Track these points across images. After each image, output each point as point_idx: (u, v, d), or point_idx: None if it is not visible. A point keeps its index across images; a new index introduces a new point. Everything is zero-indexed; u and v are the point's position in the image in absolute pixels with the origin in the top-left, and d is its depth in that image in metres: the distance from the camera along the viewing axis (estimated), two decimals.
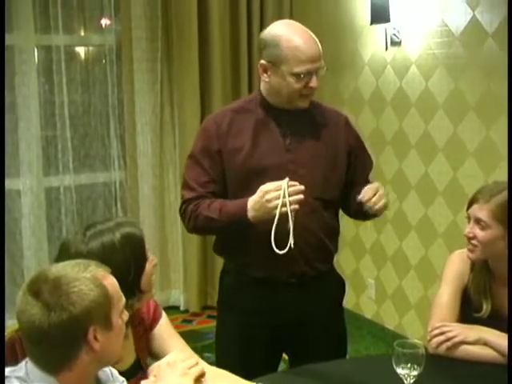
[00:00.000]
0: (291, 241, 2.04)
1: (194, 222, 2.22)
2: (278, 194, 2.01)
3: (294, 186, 2.03)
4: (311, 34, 2.16)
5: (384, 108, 4.04)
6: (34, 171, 4.29)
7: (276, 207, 2.01)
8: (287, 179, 2.03)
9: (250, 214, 2.08)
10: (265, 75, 2.20)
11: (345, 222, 2.50)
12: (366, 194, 2.12)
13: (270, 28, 2.21)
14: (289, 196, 2.00)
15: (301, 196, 2.02)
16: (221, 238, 2.37)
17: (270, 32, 2.19)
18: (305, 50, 2.10)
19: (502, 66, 3.25)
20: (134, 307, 1.79)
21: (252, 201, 2.08)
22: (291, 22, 2.23)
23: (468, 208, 2.07)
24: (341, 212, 2.40)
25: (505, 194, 2.01)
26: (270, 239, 2.04)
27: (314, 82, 2.13)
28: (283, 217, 2.02)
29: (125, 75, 4.48)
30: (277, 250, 2.04)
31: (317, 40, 2.16)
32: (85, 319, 1.37)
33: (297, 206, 2.02)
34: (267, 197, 2.03)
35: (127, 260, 1.74)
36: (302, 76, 2.11)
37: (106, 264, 1.50)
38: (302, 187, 2.03)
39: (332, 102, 2.47)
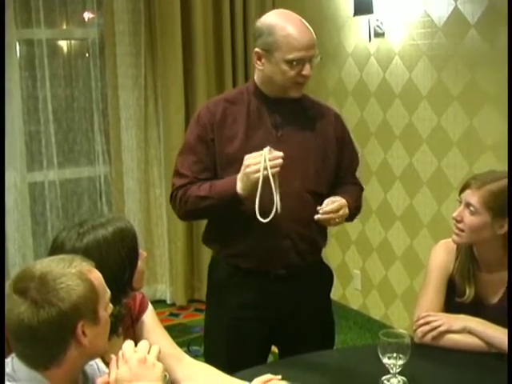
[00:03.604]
0: (277, 205, 2.06)
1: (184, 206, 2.24)
2: (257, 161, 2.05)
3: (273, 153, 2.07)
4: (306, 23, 2.18)
5: (368, 99, 4.05)
6: (18, 166, 4.26)
7: (255, 172, 2.04)
8: (268, 147, 2.06)
9: (238, 186, 2.10)
10: (259, 63, 2.21)
11: None
12: (327, 205, 2.15)
13: (265, 17, 2.23)
14: (269, 161, 2.04)
15: (280, 160, 2.05)
16: (210, 228, 2.38)
17: (265, 20, 2.20)
18: (298, 37, 2.12)
19: (484, 56, 3.27)
20: (126, 305, 1.80)
21: (239, 174, 2.11)
22: (287, 11, 2.24)
23: (461, 192, 2.09)
24: None
25: (498, 184, 2.02)
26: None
27: (306, 70, 2.15)
28: (266, 184, 2.04)
29: (108, 69, 4.47)
30: (260, 219, 2.05)
31: (311, 29, 2.18)
32: (73, 314, 1.36)
33: (277, 169, 2.05)
34: (246, 162, 2.08)
35: (121, 257, 1.74)
36: (294, 63, 2.13)
37: (102, 261, 1.50)
38: (281, 153, 2.06)
39: (316, 93, 2.48)
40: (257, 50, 2.20)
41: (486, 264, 2.11)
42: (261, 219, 2.05)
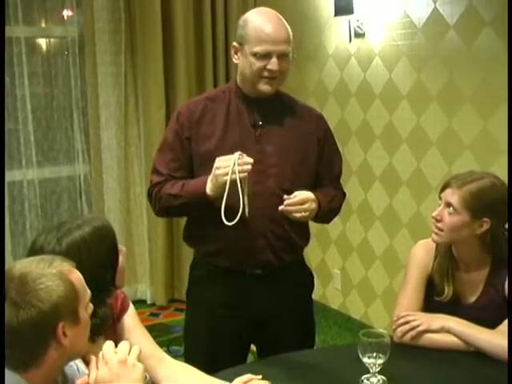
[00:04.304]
0: (243, 210, 2.07)
1: (158, 204, 2.27)
2: (227, 164, 2.06)
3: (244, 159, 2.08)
4: (283, 20, 2.19)
5: (348, 99, 4.07)
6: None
7: (224, 174, 2.05)
8: (239, 152, 2.07)
9: (208, 186, 2.12)
10: (235, 57, 2.24)
11: None
12: (296, 195, 2.14)
13: (246, 13, 2.26)
14: (238, 166, 2.05)
15: (249, 166, 2.06)
16: (189, 226, 2.39)
17: (244, 16, 2.24)
18: (266, 30, 2.14)
19: (462, 57, 3.30)
20: (110, 305, 1.79)
21: (210, 175, 2.13)
22: (266, 8, 2.25)
23: (441, 191, 2.11)
24: None
25: (478, 184, 2.04)
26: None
27: (272, 64, 2.14)
28: (235, 187, 2.05)
29: (88, 68, 4.43)
30: (226, 221, 2.06)
31: (287, 26, 2.18)
32: (53, 315, 1.36)
33: (245, 174, 2.05)
34: (217, 165, 2.09)
35: (102, 256, 1.74)
36: (259, 55, 2.14)
37: (83, 263, 1.50)
38: (251, 160, 2.07)
39: (297, 93, 2.49)
40: (233, 43, 2.24)
41: (465, 263, 2.14)
42: (226, 222, 2.06)
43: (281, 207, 2.13)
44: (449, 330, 2.03)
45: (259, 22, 2.16)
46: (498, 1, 3.05)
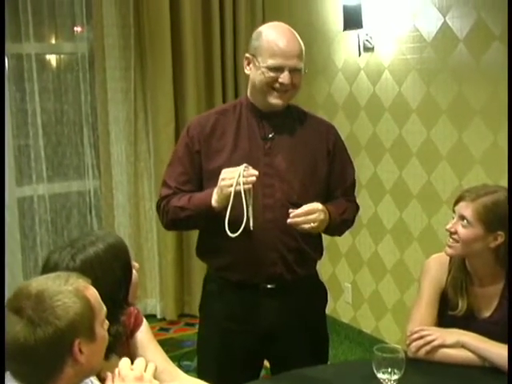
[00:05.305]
0: (247, 222, 2.08)
1: (166, 216, 2.28)
2: (232, 175, 2.08)
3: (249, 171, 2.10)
4: (296, 35, 2.22)
5: (358, 113, 4.07)
6: (7, 181, 4.23)
7: (229, 186, 2.07)
8: (244, 165, 2.09)
9: (213, 198, 2.13)
10: (247, 68, 2.26)
11: None
12: (301, 209, 2.13)
13: (260, 27, 2.29)
14: (243, 178, 2.07)
15: (253, 178, 2.07)
16: (201, 241, 2.39)
17: (258, 29, 2.27)
18: (280, 44, 2.16)
19: (472, 70, 3.30)
20: (124, 322, 1.79)
21: (216, 187, 2.14)
22: (281, 23, 2.28)
23: (455, 204, 2.10)
24: None
25: (492, 197, 2.04)
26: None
27: (284, 78, 2.16)
28: (240, 199, 2.06)
29: (98, 83, 4.46)
30: (229, 233, 2.07)
31: (300, 42, 2.21)
32: (70, 332, 1.36)
33: (250, 186, 2.07)
34: (222, 176, 2.11)
35: (116, 273, 1.74)
36: (272, 69, 2.16)
37: (97, 280, 1.51)
38: (256, 172, 2.08)
39: (306, 107, 2.49)
40: (246, 54, 2.26)
41: (478, 277, 2.13)
42: (230, 233, 2.07)
43: (289, 220, 2.13)
44: (463, 344, 2.02)
45: (273, 35, 2.18)
46: (507, 14, 3.06)
